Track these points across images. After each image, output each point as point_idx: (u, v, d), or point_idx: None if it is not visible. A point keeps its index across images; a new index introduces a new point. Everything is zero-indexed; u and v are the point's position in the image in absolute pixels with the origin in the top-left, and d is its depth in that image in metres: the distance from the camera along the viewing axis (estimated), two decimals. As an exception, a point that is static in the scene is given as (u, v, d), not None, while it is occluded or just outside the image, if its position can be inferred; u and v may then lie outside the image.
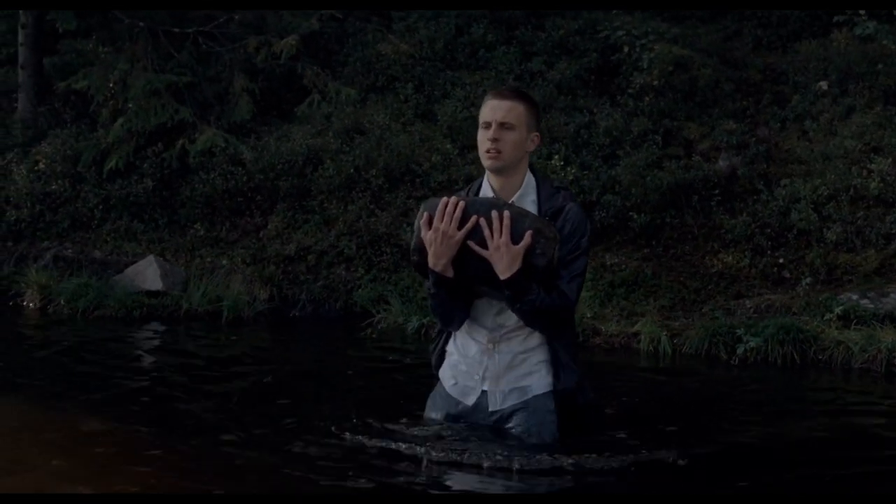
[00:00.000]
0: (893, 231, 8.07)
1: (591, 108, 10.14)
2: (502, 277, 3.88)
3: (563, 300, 4.01)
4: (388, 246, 9.08)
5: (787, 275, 8.07)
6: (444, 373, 4.35)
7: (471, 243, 3.91)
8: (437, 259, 3.96)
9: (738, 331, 7.18)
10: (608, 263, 8.56)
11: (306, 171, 9.86)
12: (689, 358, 7.18)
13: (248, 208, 9.94)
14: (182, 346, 7.81)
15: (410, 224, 9.02)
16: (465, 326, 4.24)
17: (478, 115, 4.18)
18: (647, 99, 10.00)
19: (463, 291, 4.10)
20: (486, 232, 3.89)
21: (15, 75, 12.57)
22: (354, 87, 10.89)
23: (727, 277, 8.24)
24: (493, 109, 4.09)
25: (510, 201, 4.08)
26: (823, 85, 9.92)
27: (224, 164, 10.02)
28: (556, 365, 4.15)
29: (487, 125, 4.09)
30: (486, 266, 3.91)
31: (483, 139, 4.11)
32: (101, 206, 10.19)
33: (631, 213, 8.83)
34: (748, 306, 7.74)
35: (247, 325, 8.49)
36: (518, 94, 4.19)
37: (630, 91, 10.15)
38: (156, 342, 7.85)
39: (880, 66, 9.76)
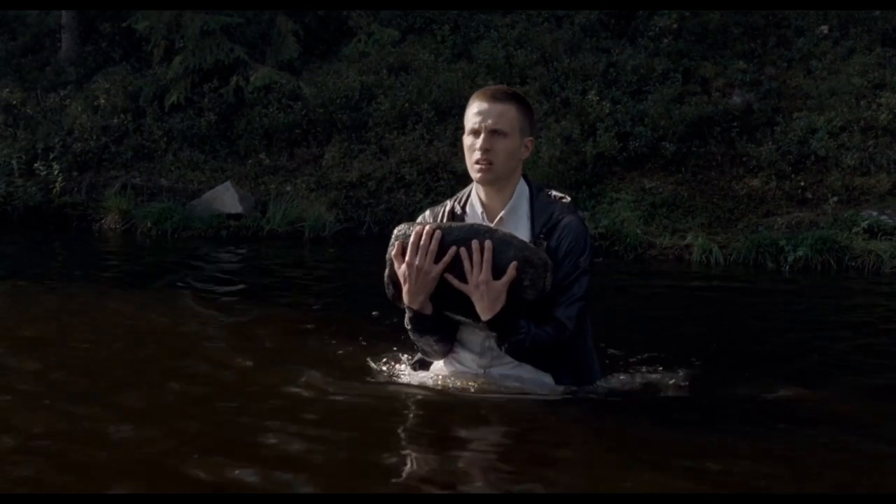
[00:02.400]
0: (903, 157, 9.19)
1: (613, 48, 11.10)
2: (483, 319, 3.40)
3: (560, 333, 3.48)
4: (445, 172, 9.94)
5: (810, 196, 9.12)
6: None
7: (449, 276, 3.42)
8: (413, 297, 3.47)
9: (780, 242, 8.21)
10: (647, 187, 9.55)
11: (362, 105, 10.68)
12: (739, 266, 8.18)
13: (304, 139, 10.73)
14: (292, 259, 8.40)
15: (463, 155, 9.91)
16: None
17: (512, 56, 3.43)
18: (665, 41, 10.99)
19: (446, 321, 3.62)
20: (466, 265, 3.39)
21: (50, 18, 13.11)
22: (394, 29, 11.70)
23: (755, 199, 9.26)
24: (482, 115, 3.49)
25: (500, 215, 3.58)
26: (824, 29, 10.98)
27: (281, 98, 10.80)
28: (565, 377, 3.67)
29: (476, 133, 3.50)
30: (469, 299, 3.43)
31: (471, 149, 3.52)
32: (164, 138, 10.89)
33: (662, 143, 9.82)
34: (780, 223, 8.79)
35: (330, 244, 9.29)
36: (510, 96, 3.57)
37: (650, 34, 11.13)
38: (257, 257, 8.50)
39: (878, 12, 10.83)
